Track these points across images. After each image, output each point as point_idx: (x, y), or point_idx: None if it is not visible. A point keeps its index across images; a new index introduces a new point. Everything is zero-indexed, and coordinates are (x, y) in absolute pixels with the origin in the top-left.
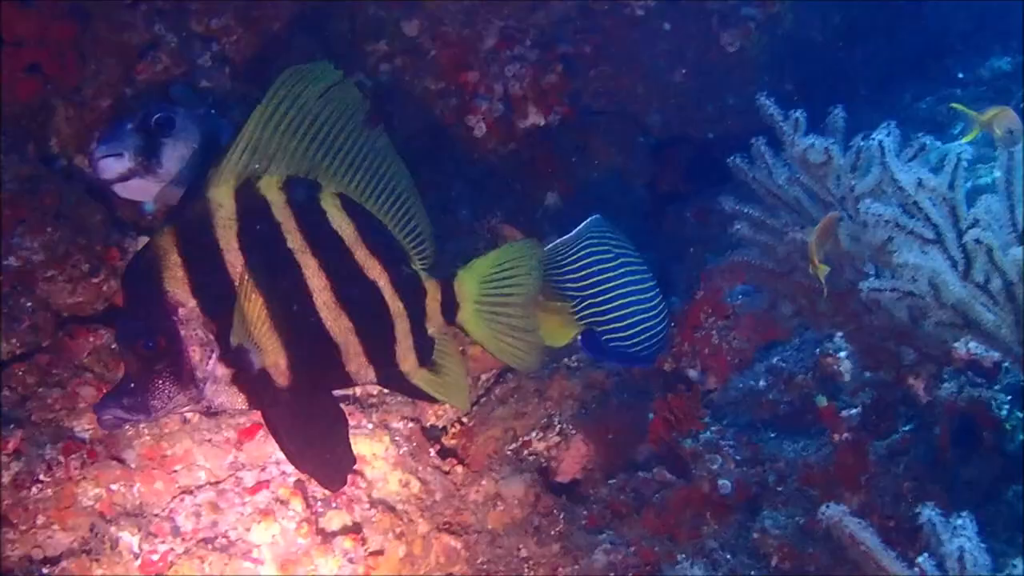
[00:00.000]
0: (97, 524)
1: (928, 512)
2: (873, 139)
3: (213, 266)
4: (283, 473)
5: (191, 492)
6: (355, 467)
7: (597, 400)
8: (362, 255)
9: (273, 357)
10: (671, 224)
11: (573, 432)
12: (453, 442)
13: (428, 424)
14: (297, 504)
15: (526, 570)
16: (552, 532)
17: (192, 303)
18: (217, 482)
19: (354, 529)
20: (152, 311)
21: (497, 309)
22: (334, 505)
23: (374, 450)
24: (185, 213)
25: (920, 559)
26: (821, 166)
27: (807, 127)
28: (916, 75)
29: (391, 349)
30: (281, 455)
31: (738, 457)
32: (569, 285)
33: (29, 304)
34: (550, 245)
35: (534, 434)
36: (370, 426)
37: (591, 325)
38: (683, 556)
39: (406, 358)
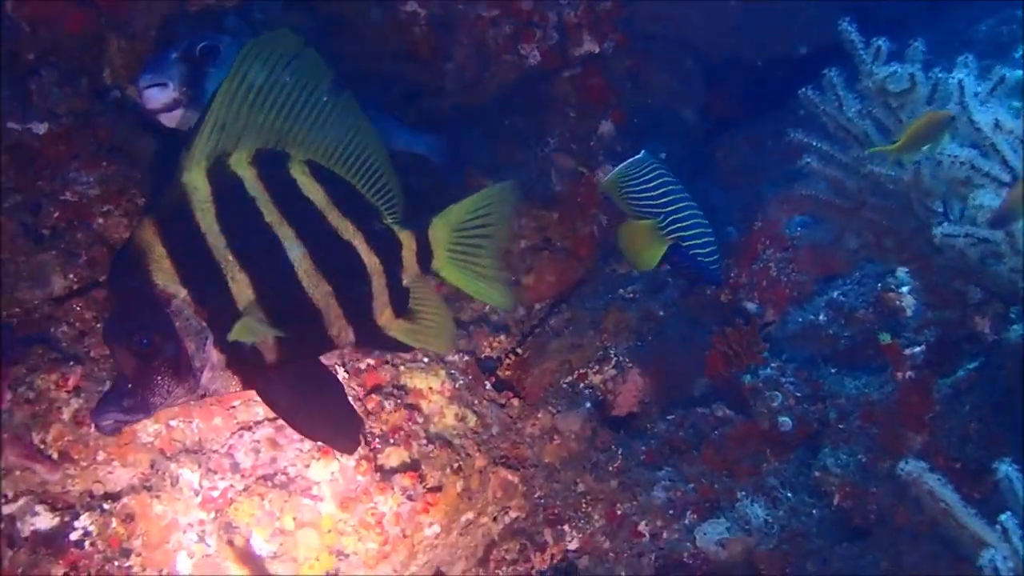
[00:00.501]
0: (157, 460)
1: (1005, 468)
2: (953, 77)
3: (198, 252)
4: None
5: (249, 428)
6: (412, 402)
7: (653, 332)
8: (335, 217)
9: (261, 334)
10: (724, 151)
11: (629, 365)
12: (508, 374)
13: (483, 356)
14: None
15: (584, 505)
16: (610, 468)
17: (183, 293)
18: (275, 418)
19: (412, 466)
20: (144, 307)
21: (470, 253)
22: (392, 441)
23: (430, 384)
24: (162, 202)
25: (1003, 518)
26: (901, 95)
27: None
28: None
29: (369, 306)
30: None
31: (798, 394)
32: (647, 203)
33: (86, 239)
34: (620, 167)
35: (590, 367)
36: (426, 360)
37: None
38: (743, 493)
39: (383, 312)
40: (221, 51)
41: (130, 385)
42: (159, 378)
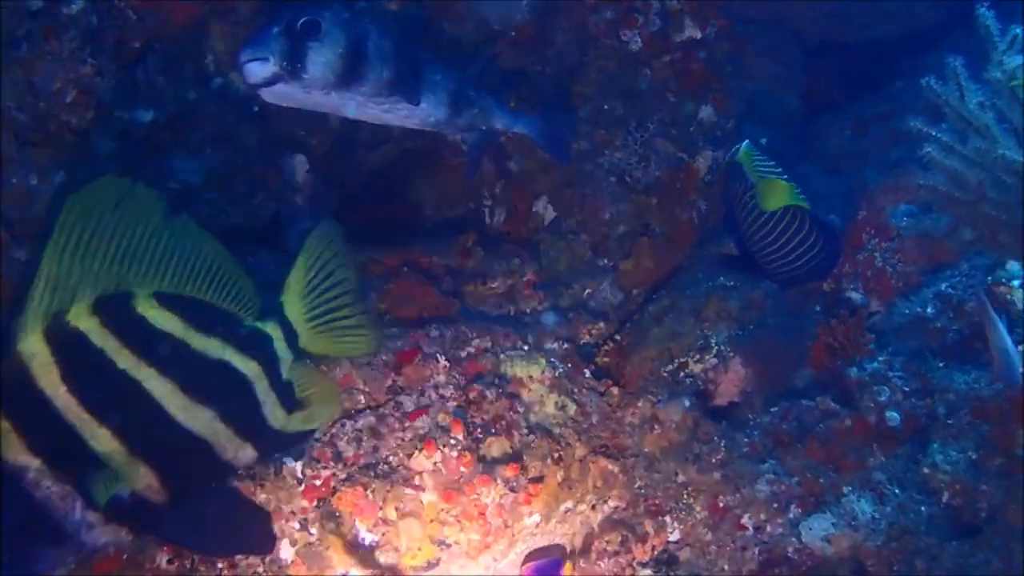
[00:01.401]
0: None
1: None
2: None
3: (45, 417)
4: (442, 398)
5: (351, 417)
6: (512, 391)
7: (755, 321)
8: (198, 340)
9: (143, 481)
10: (825, 137)
11: (731, 354)
12: (606, 361)
13: (582, 343)
14: (458, 431)
15: (685, 496)
16: (713, 459)
17: (36, 463)
18: (377, 407)
19: (514, 456)
20: None
21: (330, 312)
22: (493, 431)
23: (531, 372)
24: (1, 375)
25: None
26: None
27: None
28: None
29: (260, 415)
30: (440, 379)
31: (906, 388)
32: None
33: None
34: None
35: (690, 355)
36: (525, 348)
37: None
38: (849, 488)
39: (275, 415)
40: (323, 26)
41: (10, 558)
42: (34, 550)
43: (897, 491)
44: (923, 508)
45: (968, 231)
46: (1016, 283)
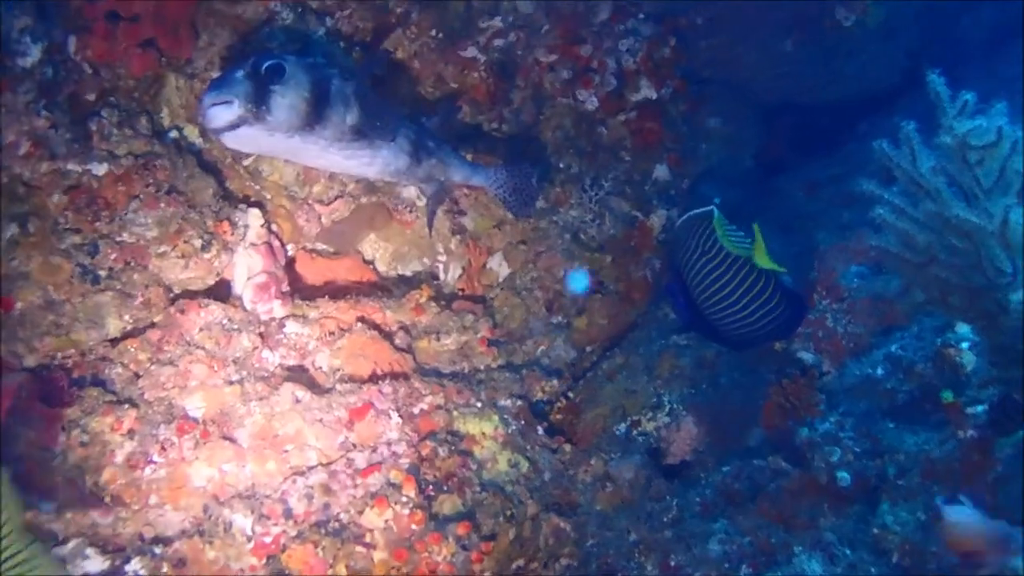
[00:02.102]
0: (210, 505)
1: None
2: None
3: None
4: (395, 455)
5: (302, 473)
6: (465, 448)
7: (707, 380)
8: None
9: None
10: (779, 196)
11: (684, 413)
12: (559, 418)
13: (535, 399)
14: (409, 489)
15: (637, 555)
16: (664, 518)
17: None
18: (328, 463)
19: (466, 514)
20: None
21: None
22: (445, 489)
23: (483, 429)
24: None
25: None
26: (982, 150)
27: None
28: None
29: None
30: (393, 436)
31: (857, 448)
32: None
33: (142, 280)
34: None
35: (643, 413)
36: (479, 404)
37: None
38: (800, 548)
39: None
40: (287, 69)
41: None
42: None
43: (847, 551)
44: (873, 569)
45: (919, 293)
46: (965, 345)
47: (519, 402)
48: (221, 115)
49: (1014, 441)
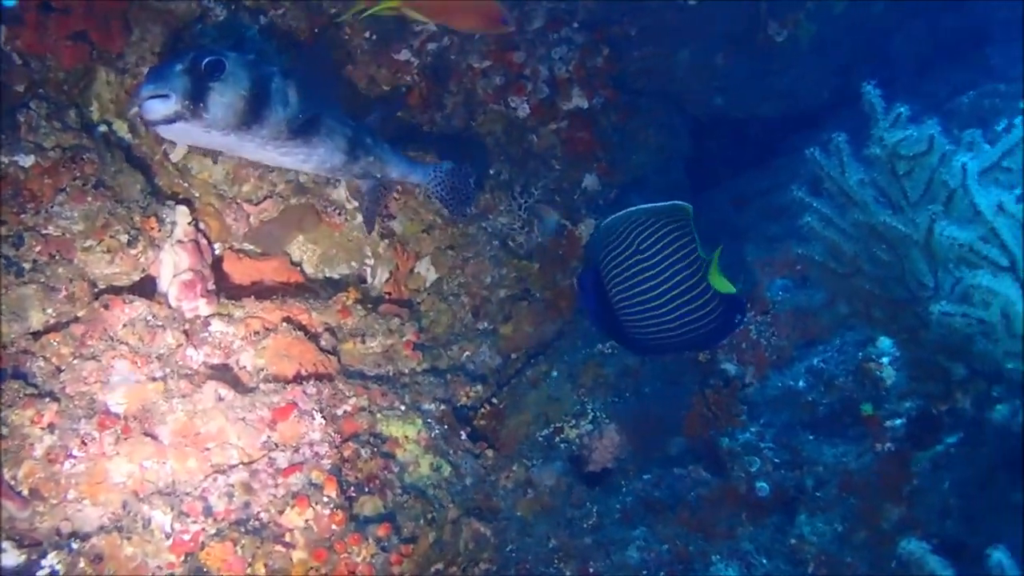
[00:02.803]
0: (129, 501)
1: (999, 555)
2: (957, 160)
3: None
4: (317, 455)
5: (224, 472)
6: (388, 451)
7: (631, 389)
8: None
9: None
10: (708, 208)
11: (606, 421)
12: (483, 424)
13: (459, 404)
14: (331, 490)
15: (556, 561)
16: (584, 524)
17: None
18: (250, 462)
19: (387, 516)
20: None
21: None
22: (367, 490)
23: (406, 432)
24: None
25: None
26: (912, 159)
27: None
28: (956, 61)
29: None
30: (315, 436)
31: (776, 459)
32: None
33: (67, 273)
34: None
35: (566, 421)
36: (403, 408)
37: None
38: (717, 557)
39: None
40: (226, 67)
41: None
42: None
43: (764, 560)
44: None
45: (843, 305)
46: (886, 360)
47: (443, 406)
48: (157, 108)
49: (931, 455)
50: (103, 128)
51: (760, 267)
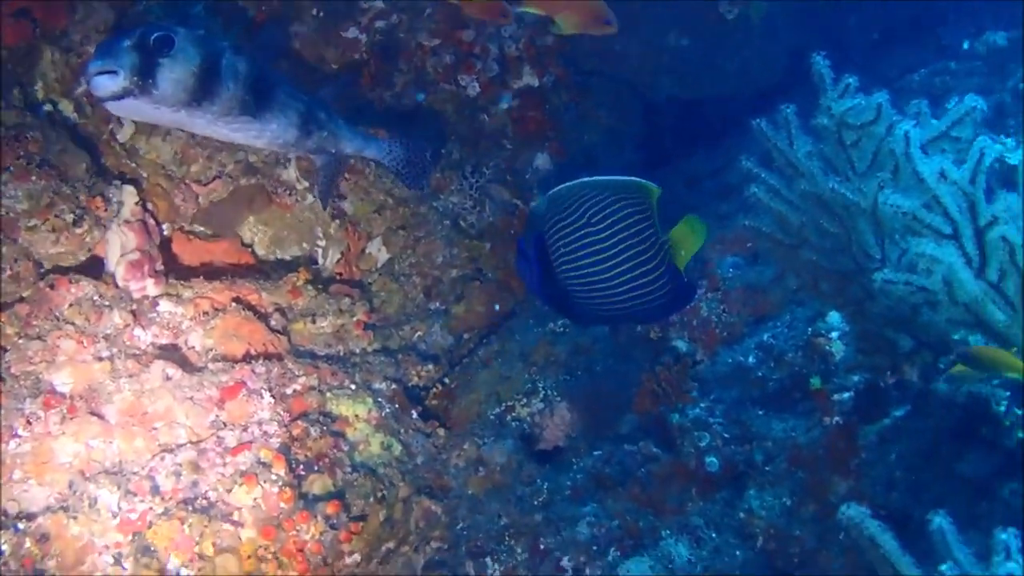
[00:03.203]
0: (76, 481)
1: (939, 520)
2: (900, 128)
3: None
4: (265, 434)
5: (171, 451)
6: (338, 429)
7: (582, 367)
8: None
9: None
10: (660, 188)
11: (558, 399)
12: (435, 403)
13: (410, 384)
14: (279, 467)
15: (507, 538)
16: (535, 501)
17: None
18: (198, 441)
19: (336, 494)
20: None
21: None
22: (316, 468)
23: (356, 411)
24: None
25: (944, 568)
26: (860, 128)
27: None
28: (908, 43)
29: None
30: (264, 416)
31: (726, 435)
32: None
33: (11, 253)
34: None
35: (518, 399)
36: (353, 387)
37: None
38: (667, 532)
39: None
40: (175, 43)
41: None
42: None
43: (714, 535)
44: (738, 553)
45: (792, 279)
46: (835, 334)
47: (394, 386)
48: (105, 84)
49: (878, 428)
50: (48, 107)
51: (711, 245)
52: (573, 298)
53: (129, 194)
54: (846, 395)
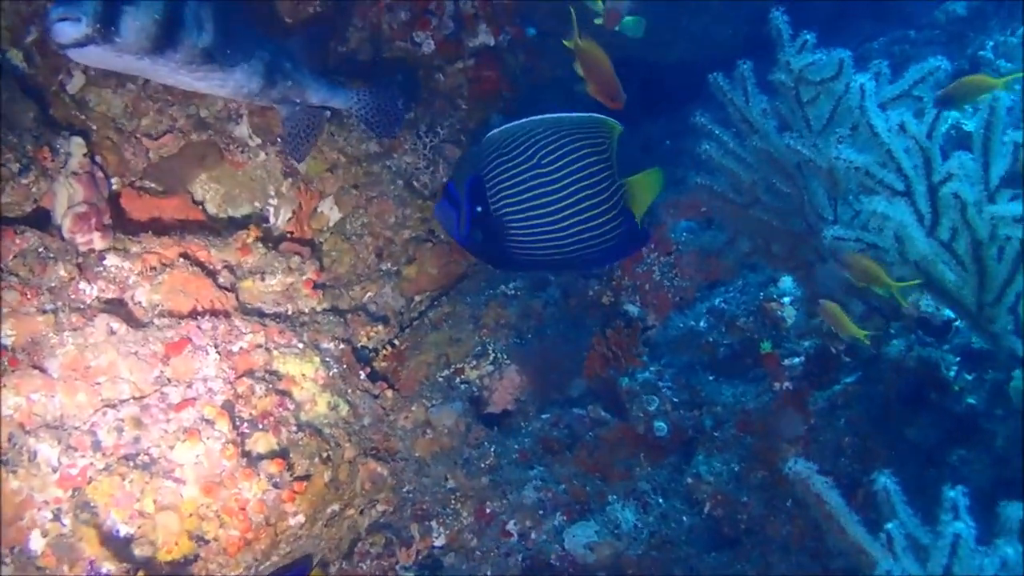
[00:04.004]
0: (15, 434)
1: (884, 480)
2: (855, 81)
3: None
4: (210, 391)
5: (114, 406)
6: (283, 388)
7: (533, 330)
8: None
9: None
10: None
11: (507, 362)
12: (384, 364)
13: (359, 345)
14: (223, 424)
15: (453, 502)
16: (482, 464)
17: None
18: (141, 397)
19: (280, 453)
20: None
21: None
22: (261, 427)
23: (303, 371)
24: None
25: (890, 526)
26: (819, 84)
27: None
28: (870, 14)
29: None
30: (209, 372)
31: (675, 399)
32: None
33: None
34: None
35: (467, 362)
36: (300, 346)
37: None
38: (614, 497)
39: None
40: None
41: None
42: None
43: (661, 501)
44: (685, 519)
45: (745, 242)
46: (787, 300)
47: (342, 346)
48: (67, 31)
49: (828, 394)
50: None
51: (665, 208)
52: (508, 243)
53: (77, 145)
54: (796, 360)
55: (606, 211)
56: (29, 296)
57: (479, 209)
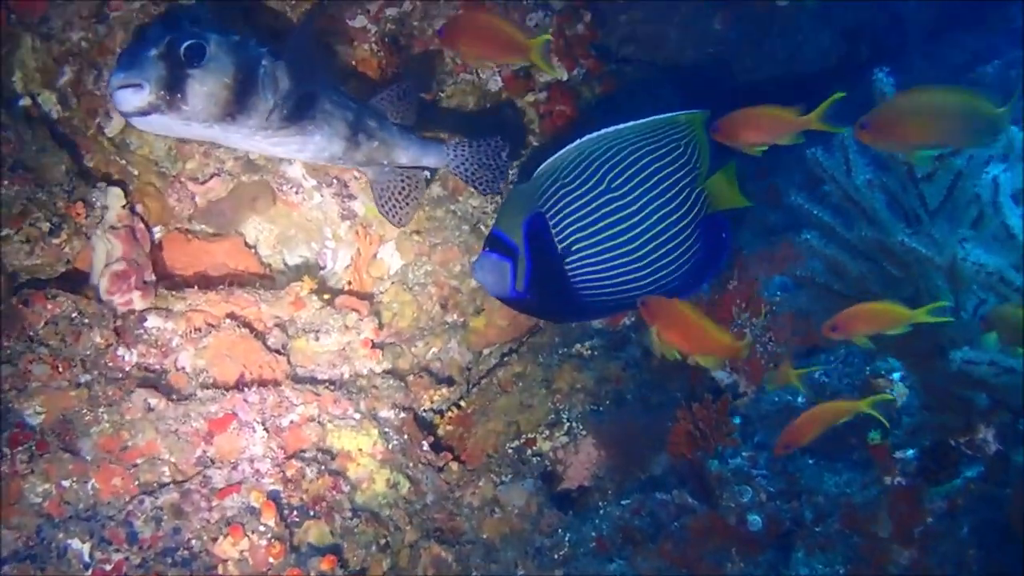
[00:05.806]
0: (44, 527)
1: None
2: (988, 172)
3: None
4: (257, 472)
5: (152, 492)
6: (338, 467)
7: (611, 396)
8: None
9: None
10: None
11: (583, 433)
12: (449, 429)
13: (422, 409)
14: (269, 517)
15: None
16: (556, 555)
17: None
18: (182, 481)
19: (332, 548)
20: None
21: None
22: (312, 514)
23: (360, 445)
24: None
25: None
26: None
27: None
28: (975, 22)
29: None
30: (256, 452)
31: (771, 488)
32: None
33: None
34: None
35: (539, 431)
36: (357, 416)
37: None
38: None
39: None
40: (207, 52)
41: None
42: None
43: None
44: None
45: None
46: (897, 376)
47: (403, 414)
48: (129, 100)
49: (946, 492)
50: (27, 101)
51: (758, 262)
52: (577, 287)
53: (115, 197)
54: (910, 452)
55: (687, 227)
56: (61, 369)
57: (542, 252)
